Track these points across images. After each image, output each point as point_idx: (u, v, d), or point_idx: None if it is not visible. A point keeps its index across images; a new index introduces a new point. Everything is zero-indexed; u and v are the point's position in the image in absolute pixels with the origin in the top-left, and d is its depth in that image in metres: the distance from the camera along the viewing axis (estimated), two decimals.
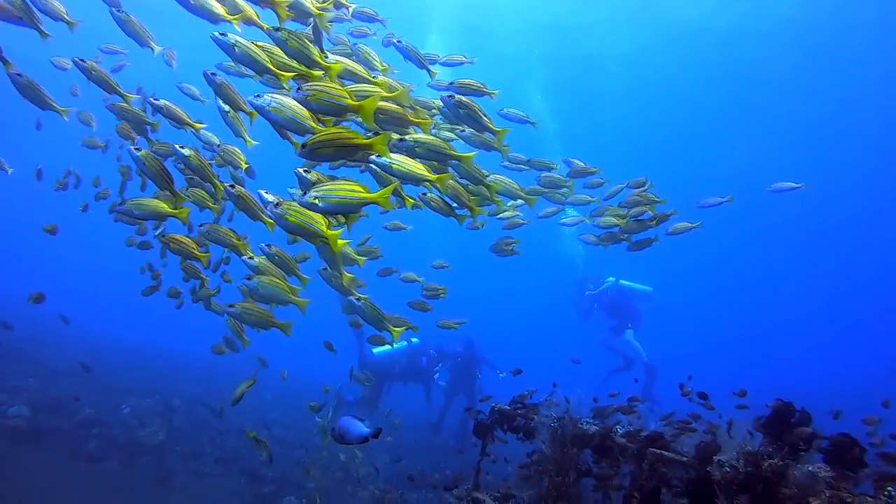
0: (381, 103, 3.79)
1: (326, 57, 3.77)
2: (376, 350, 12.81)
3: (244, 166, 4.73)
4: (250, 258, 4.19)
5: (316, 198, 3.08)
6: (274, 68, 3.63)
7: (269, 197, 3.39)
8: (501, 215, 6.40)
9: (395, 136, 3.72)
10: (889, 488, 3.17)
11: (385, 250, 6.56)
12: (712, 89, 23.27)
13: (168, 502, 8.33)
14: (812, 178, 7.04)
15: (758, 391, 4.80)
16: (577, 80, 23.82)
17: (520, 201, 6.31)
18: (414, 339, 13.22)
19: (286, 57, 3.63)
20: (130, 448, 10.08)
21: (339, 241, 3.43)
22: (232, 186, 4.01)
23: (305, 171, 3.83)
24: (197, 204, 4.59)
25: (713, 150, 27.27)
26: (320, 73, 3.71)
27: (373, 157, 3.48)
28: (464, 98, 4.12)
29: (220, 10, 3.88)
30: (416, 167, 3.58)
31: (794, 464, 3.25)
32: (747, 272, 37.11)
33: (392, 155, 3.51)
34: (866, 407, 4.80)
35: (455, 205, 4.33)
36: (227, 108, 4.37)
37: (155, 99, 4.64)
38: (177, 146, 4.21)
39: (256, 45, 3.55)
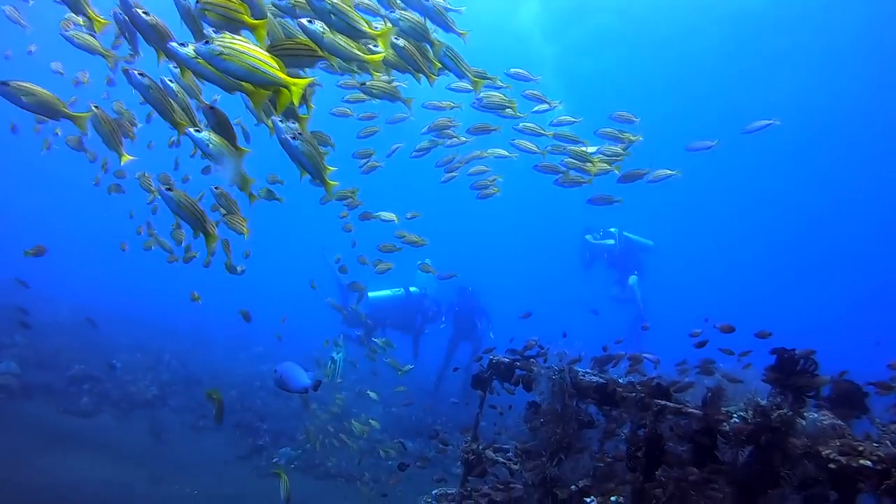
0: None
1: None
2: (372, 294, 12.67)
3: None
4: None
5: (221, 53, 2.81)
6: None
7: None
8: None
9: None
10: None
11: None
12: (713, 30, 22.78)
13: (163, 456, 8.32)
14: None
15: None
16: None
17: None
18: (413, 289, 13.09)
19: None
20: (123, 403, 10.05)
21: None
22: None
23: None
24: None
25: (712, 92, 26.82)
26: None
27: (304, 21, 3.36)
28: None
29: None
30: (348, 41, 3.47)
31: (803, 412, 3.20)
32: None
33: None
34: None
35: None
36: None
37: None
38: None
39: None
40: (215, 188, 4.42)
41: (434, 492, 5.79)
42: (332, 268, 12.06)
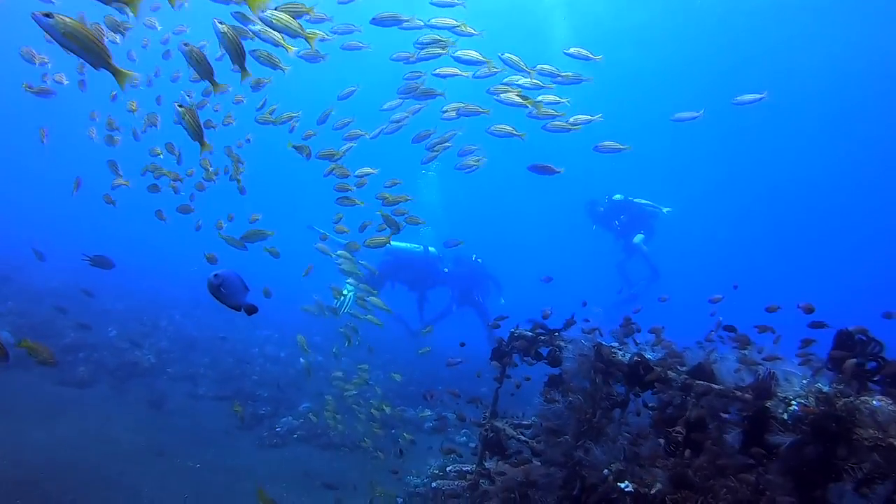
0: None
1: None
2: (394, 243, 12.37)
3: None
4: None
5: None
6: None
7: None
8: None
9: None
10: None
11: None
12: None
13: (163, 427, 8.09)
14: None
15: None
16: None
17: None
18: (432, 249, 12.85)
19: None
20: (120, 372, 9.78)
21: None
22: None
23: None
24: None
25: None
26: None
27: None
28: None
29: None
30: None
31: (871, 401, 2.94)
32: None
33: None
34: None
35: None
36: None
37: None
38: None
39: None
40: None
41: (449, 468, 5.60)
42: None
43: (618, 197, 13.30)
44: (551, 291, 8.93)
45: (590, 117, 6.48)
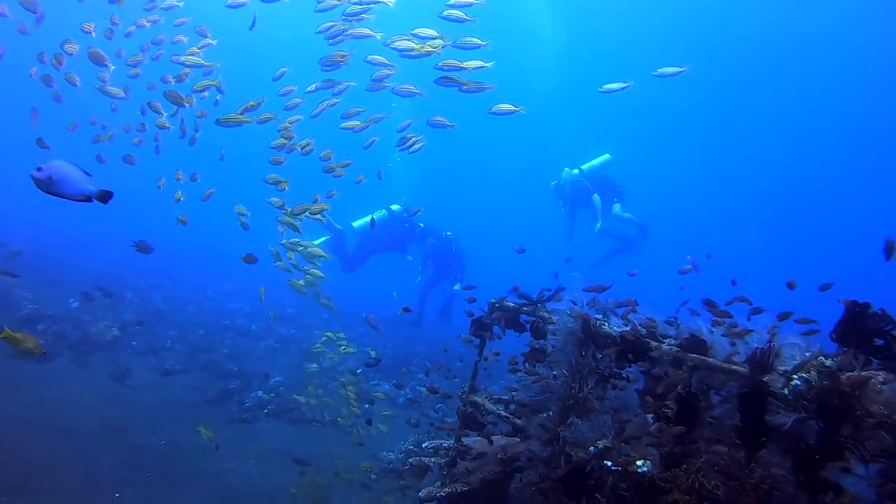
0: None
1: None
2: (356, 223, 12.20)
3: None
4: None
5: None
6: None
7: None
8: None
9: None
10: None
11: None
12: None
13: (127, 402, 7.75)
14: None
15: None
16: None
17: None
18: (394, 207, 12.64)
19: None
20: (82, 345, 9.35)
21: None
22: None
23: None
24: None
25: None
26: None
27: None
28: None
29: None
30: None
31: (878, 376, 2.77)
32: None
33: None
34: None
35: None
36: None
37: None
38: None
39: None
40: None
41: (425, 444, 5.39)
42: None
43: (574, 172, 13.13)
44: (525, 263, 8.74)
45: (515, 108, 6.49)
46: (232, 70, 7.22)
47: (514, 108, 6.45)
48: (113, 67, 6.59)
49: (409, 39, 5.94)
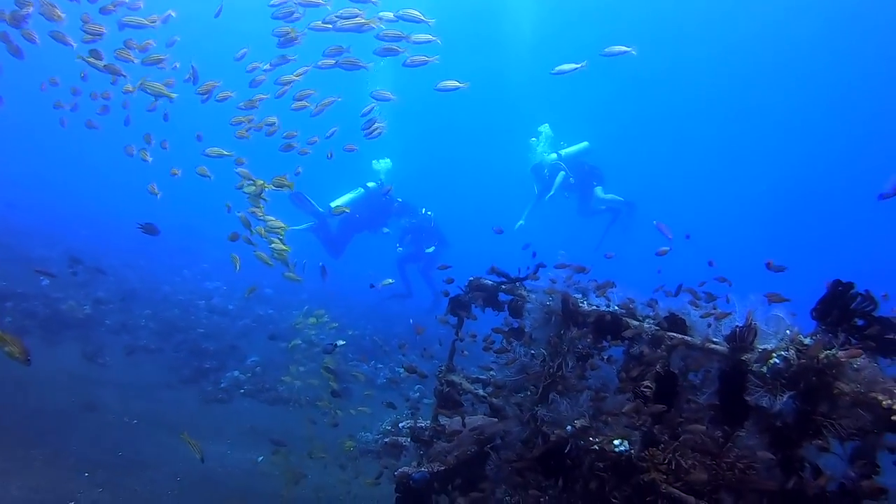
0: None
1: None
2: (334, 203, 12.03)
3: None
4: None
5: None
6: None
7: None
8: None
9: None
10: None
11: None
12: None
13: (98, 381, 7.59)
14: None
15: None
16: None
17: None
18: (370, 184, 12.49)
19: None
20: (52, 323, 9.13)
21: None
22: None
23: None
24: None
25: None
26: None
27: None
28: None
29: None
30: None
31: (858, 355, 2.75)
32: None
33: None
34: None
35: None
36: None
37: None
38: None
39: None
40: None
41: (402, 423, 5.35)
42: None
43: (552, 157, 13.10)
44: (504, 244, 8.68)
45: (459, 84, 6.74)
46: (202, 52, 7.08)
47: (458, 84, 6.57)
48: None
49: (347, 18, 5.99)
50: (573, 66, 7.36)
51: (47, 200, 19.66)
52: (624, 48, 7.49)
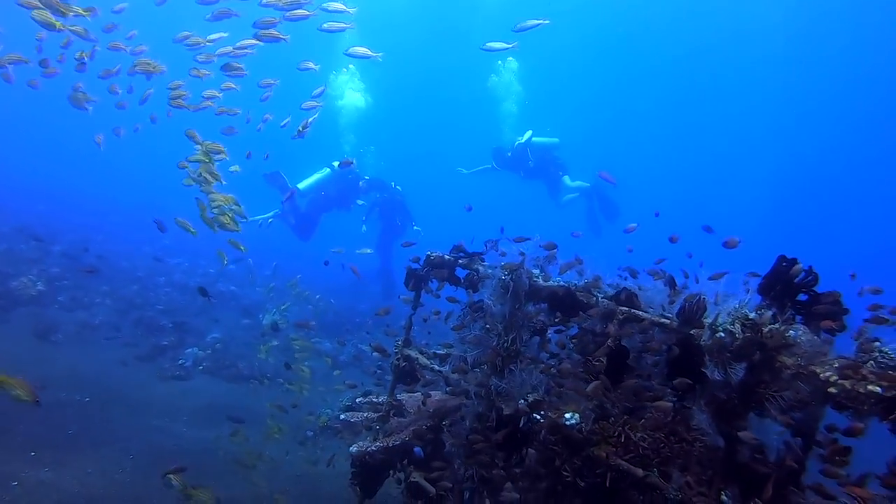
0: None
1: None
2: (301, 185, 11.86)
3: None
4: None
5: None
6: None
7: None
8: None
9: None
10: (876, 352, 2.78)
11: None
12: None
13: (50, 359, 7.38)
14: None
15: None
16: None
17: None
18: (335, 163, 12.32)
19: None
20: (2, 300, 8.84)
21: None
22: None
23: None
24: None
25: None
26: None
27: None
28: None
29: None
30: None
31: (802, 329, 2.79)
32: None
33: None
34: None
35: None
36: None
37: None
38: None
39: None
40: None
41: (359, 399, 5.32)
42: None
43: (521, 140, 13.13)
44: (475, 222, 8.65)
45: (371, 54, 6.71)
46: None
47: (370, 53, 6.55)
48: None
49: None
50: (503, 45, 7.22)
51: (7, 174, 18.98)
52: (538, 21, 7.30)
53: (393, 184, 13.13)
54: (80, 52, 6.36)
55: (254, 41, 6.34)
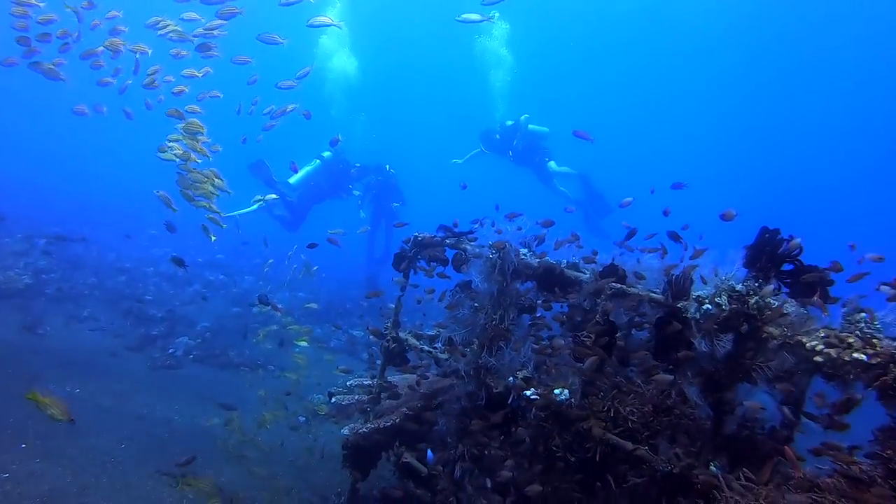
0: None
1: None
2: (292, 179, 11.76)
3: None
4: None
5: None
6: None
7: None
8: None
9: None
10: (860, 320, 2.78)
11: None
12: None
13: (38, 351, 7.32)
14: None
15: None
16: None
17: None
18: (326, 154, 12.22)
19: None
20: None
21: None
22: None
23: None
24: None
25: None
26: None
27: None
28: None
29: None
30: None
31: (786, 300, 2.80)
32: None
33: None
34: None
35: None
36: None
37: None
38: None
39: None
40: None
41: (349, 382, 5.30)
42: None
43: (509, 123, 13.08)
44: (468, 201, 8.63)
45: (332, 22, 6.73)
46: None
47: (330, 22, 6.60)
48: None
49: None
50: (479, 16, 7.16)
51: None
52: (479, 16, 7.31)
53: (387, 167, 13.04)
54: (61, 30, 6.25)
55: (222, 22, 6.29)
